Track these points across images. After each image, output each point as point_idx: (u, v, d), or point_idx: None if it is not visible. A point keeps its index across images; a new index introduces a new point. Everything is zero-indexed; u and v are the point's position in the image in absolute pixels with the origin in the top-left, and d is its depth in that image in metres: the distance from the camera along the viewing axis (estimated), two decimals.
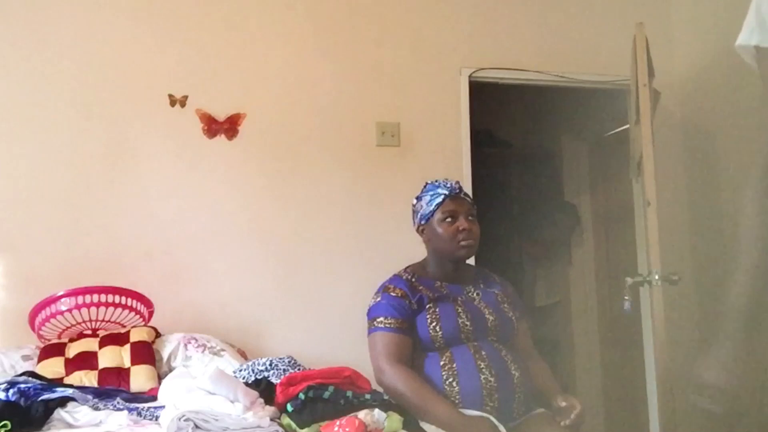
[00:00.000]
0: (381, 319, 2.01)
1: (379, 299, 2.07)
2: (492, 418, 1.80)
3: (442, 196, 2.07)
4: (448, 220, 2.05)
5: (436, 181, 2.15)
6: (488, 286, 2.15)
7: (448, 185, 2.10)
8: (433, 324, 1.97)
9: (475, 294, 2.09)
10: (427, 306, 2.00)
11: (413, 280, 2.09)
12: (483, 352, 1.94)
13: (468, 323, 1.98)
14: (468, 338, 1.97)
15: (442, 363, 1.94)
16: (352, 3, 3.26)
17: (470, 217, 2.08)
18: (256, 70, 3.11)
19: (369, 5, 3.27)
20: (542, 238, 4.49)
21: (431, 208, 2.08)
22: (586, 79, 3.46)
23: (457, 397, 1.89)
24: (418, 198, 2.14)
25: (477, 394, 1.88)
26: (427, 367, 1.96)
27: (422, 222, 2.11)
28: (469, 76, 3.31)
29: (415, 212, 2.15)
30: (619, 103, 3.59)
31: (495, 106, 4.26)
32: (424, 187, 2.17)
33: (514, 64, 3.36)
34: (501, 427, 1.79)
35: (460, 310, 2.00)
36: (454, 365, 1.93)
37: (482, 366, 1.92)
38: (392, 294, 2.04)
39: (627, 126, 3.36)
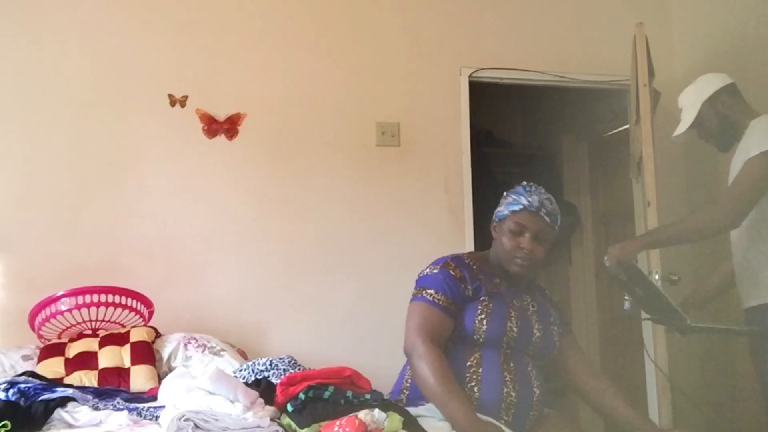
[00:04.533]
0: (431, 291, 1.91)
1: (435, 271, 1.96)
2: (503, 427, 1.75)
3: (521, 207, 1.95)
4: (516, 231, 1.95)
5: (530, 187, 2.02)
6: (546, 302, 2.08)
7: (533, 199, 1.96)
8: (482, 317, 1.88)
9: (530, 305, 2.00)
10: (482, 298, 1.91)
11: (474, 267, 1.99)
12: (511, 363, 1.88)
13: (515, 330, 1.90)
14: (508, 344, 1.90)
15: (468, 363, 1.88)
16: (352, 3, 3.26)
17: (539, 238, 1.95)
18: (256, 70, 3.11)
19: (369, 5, 3.27)
20: None
21: (505, 212, 1.98)
22: (586, 79, 3.46)
23: (475, 402, 1.83)
24: (507, 194, 2.03)
25: (496, 405, 1.84)
26: (452, 361, 1.86)
27: (496, 220, 2.02)
28: (469, 76, 3.31)
29: (499, 204, 2.04)
30: (619, 103, 3.59)
31: (495, 106, 4.26)
32: (520, 186, 2.04)
33: (514, 64, 3.36)
34: None
35: (513, 314, 1.92)
36: (480, 370, 1.87)
37: (507, 378, 1.86)
38: (451, 272, 1.94)
39: (627, 126, 3.36)
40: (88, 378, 2.29)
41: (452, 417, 1.74)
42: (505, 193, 2.04)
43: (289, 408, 1.67)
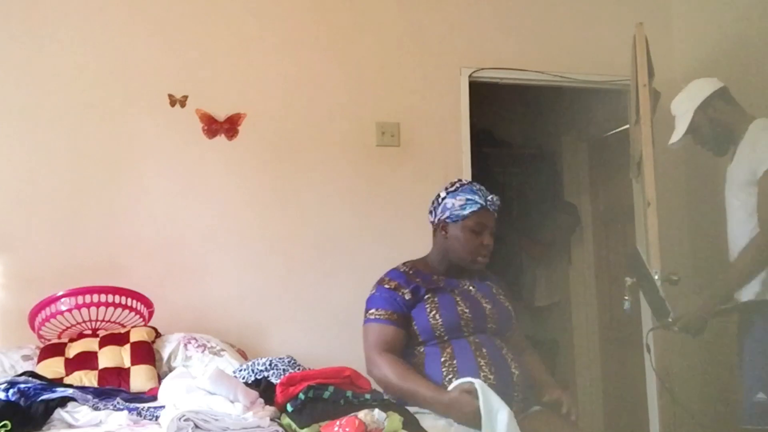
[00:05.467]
0: (373, 310, 2.04)
1: (374, 292, 2.10)
2: (476, 382, 1.76)
3: (479, 206, 2.06)
4: (477, 230, 2.06)
5: (474, 185, 2.12)
6: (482, 279, 2.18)
7: (489, 198, 2.08)
8: (433, 312, 1.98)
9: (470, 286, 2.11)
10: (425, 296, 2.01)
11: (410, 272, 2.11)
12: (484, 349, 1.95)
13: (467, 311, 1.99)
14: (468, 327, 1.98)
15: (442, 359, 1.94)
16: (352, 3, 3.26)
17: (492, 232, 2.09)
18: (256, 70, 3.11)
19: (369, 5, 3.27)
20: (542, 238, 4.49)
21: (464, 213, 2.06)
22: (586, 79, 3.46)
23: None
24: (450, 193, 2.11)
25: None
26: (427, 365, 1.96)
27: (448, 220, 2.09)
28: (469, 76, 3.31)
29: (441, 206, 2.12)
30: (619, 103, 3.59)
31: (495, 106, 4.26)
32: (458, 184, 2.13)
33: (514, 64, 3.36)
34: (483, 392, 1.74)
35: (458, 299, 2.02)
36: (455, 362, 1.93)
37: (482, 363, 1.92)
38: (386, 286, 2.07)
39: (627, 126, 3.36)
40: (88, 378, 2.29)
41: (426, 402, 1.83)
42: (443, 192, 2.12)
43: (289, 408, 1.67)
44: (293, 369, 2.16)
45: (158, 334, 2.61)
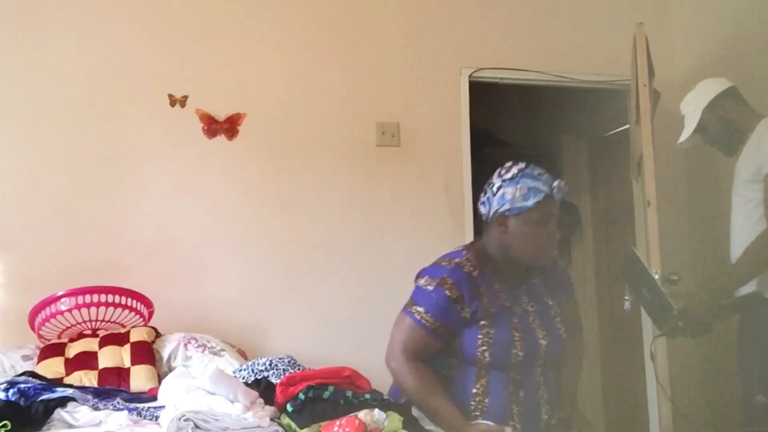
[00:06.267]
0: (422, 310, 1.81)
1: (430, 288, 1.82)
2: (490, 424, 1.71)
3: (544, 195, 1.80)
4: (542, 223, 1.80)
5: (534, 169, 1.85)
6: (540, 295, 1.94)
7: (555, 185, 1.83)
8: (483, 348, 1.79)
9: (529, 306, 1.88)
10: (482, 324, 1.80)
11: (475, 274, 1.84)
12: (521, 393, 1.80)
13: (521, 354, 1.80)
14: (514, 367, 1.81)
15: (474, 391, 1.80)
16: (352, 3, 3.26)
17: (558, 223, 1.85)
18: (256, 70, 3.11)
19: (369, 5, 3.27)
20: None
21: (528, 204, 1.78)
22: (586, 79, 3.46)
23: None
24: (507, 181, 1.82)
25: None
26: (457, 385, 1.82)
27: (508, 213, 1.81)
28: (469, 76, 3.31)
29: (497, 197, 1.83)
30: (619, 103, 3.59)
31: (495, 106, 4.26)
32: (515, 170, 1.85)
33: (514, 64, 3.36)
34: None
35: (516, 337, 1.81)
36: (486, 400, 1.79)
37: (515, 411, 1.79)
38: (446, 292, 1.80)
39: (627, 126, 3.35)
40: (88, 378, 2.29)
41: (445, 425, 1.73)
42: (499, 181, 1.84)
43: (289, 408, 1.67)
44: (293, 369, 2.16)
45: (158, 334, 2.61)
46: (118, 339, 2.47)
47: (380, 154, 3.20)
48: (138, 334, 2.50)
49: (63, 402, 1.83)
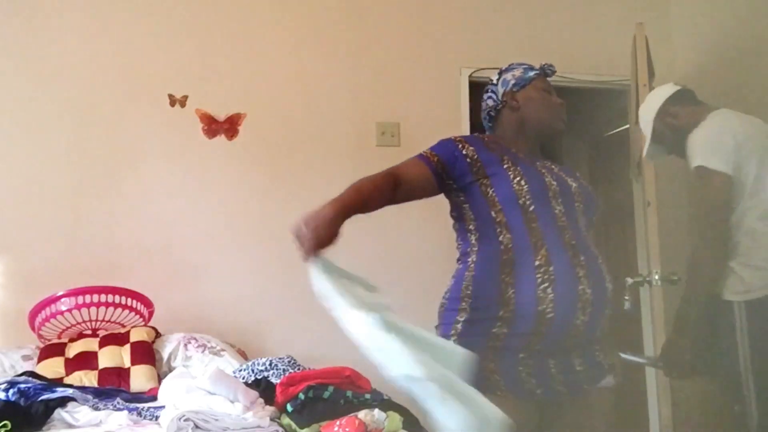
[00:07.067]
0: (428, 150, 1.86)
1: (442, 139, 1.89)
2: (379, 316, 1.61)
3: (539, 71, 1.94)
4: (548, 91, 1.93)
5: (521, 63, 2.00)
6: (561, 171, 1.93)
7: (544, 65, 1.96)
8: (518, 179, 1.74)
9: (551, 165, 1.88)
10: (504, 165, 1.77)
11: (486, 139, 1.89)
12: (581, 257, 1.71)
13: (554, 182, 1.77)
14: (555, 198, 1.75)
15: (537, 263, 1.68)
16: (352, 3, 3.26)
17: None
18: (256, 70, 3.11)
19: (369, 5, 3.27)
20: None
21: (530, 75, 1.92)
22: (586, 79, 3.46)
23: (551, 303, 1.66)
24: (503, 71, 1.97)
25: (572, 304, 1.68)
26: (518, 269, 1.69)
27: (515, 88, 1.92)
28: (469, 76, 3.31)
29: (500, 83, 1.95)
30: (619, 103, 3.59)
31: None
32: (504, 66, 1.99)
33: None
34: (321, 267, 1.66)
35: (543, 171, 1.80)
36: (551, 268, 1.68)
37: (581, 275, 1.69)
38: (452, 138, 1.86)
39: (627, 126, 3.35)
40: (88, 378, 2.29)
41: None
42: (495, 76, 1.98)
43: (289, 408, 1.67)
44: (293, 369, 2.17)
45: (158, 334, 2.61)
46: (118, 339, 2.47)
47: (380, 154, 3.20)
48: (138, 334, 2.50)
49: (63, 402, 1.83)
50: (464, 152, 1.80)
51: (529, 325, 1.67)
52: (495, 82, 1.98)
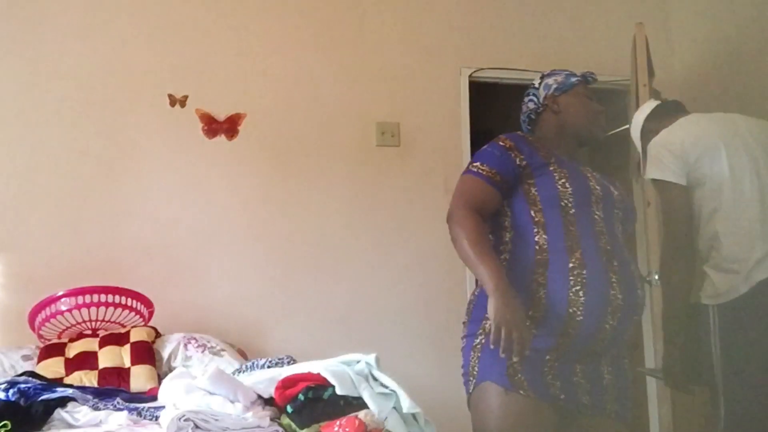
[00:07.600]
0: (477, 164, 1.82)
1: (485, 147, 1.87)
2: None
3: (579, 79, 1.97)
4: (589, 97, 1.95)
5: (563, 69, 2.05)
6: (599, 175, 1.96)
7: (584, 72, 1.99)
8: (562, 180, 1.77)
9: (593, 173, 1.89)
10: (551, 167, 1.80)
11: (530, 138, 1.90)
12: (614, 263, 1.73)
13: (598, 187, 1.80)
14: (597, 201, 1.78)
15: (570, 265, 1.70)
16: (352, 3, 3.26)
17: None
18: (256, 70, 3.11)
19: (369, 5, 3.28)
20: None
21: (572, 81, 1.95)
22: None
23: (580, 308, 1.68)
24: (545, 77, 2.01)
25: (602, 309, 1.70)
26: (551, 270, 1.71)
27: (556, 93, 1.95)
28: (469, 76, 3.31)
29: (542, 87, 1.99)
30: (618, 103, 3.59)
31: (495, 106, 4.25)
32: (547, 72, 2.03)
33: (514, 64, 3.36)
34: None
35: (588, 175, 1.83)
36: (584, 272, 1.70)
37: (613, 280, 1.71)
38: (500, 143, 1.84)
39: (627, 126, 3.35)
40: (88, 378, 2.29)
41: (482, 280, 1.67)
42: (538, 80, 2.01)
43: (289, 409, 1.67)
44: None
45: (158, 334, 2.61)
46: (118, 339, 2.47)
47: (380, 154, 3.20)
48: (138, 334, 2.50)
49: (63, 402, 1.83)
50: (517, 161, 1.82)
51: (558, 327, 1.69)
52: (537, 85, 2.02)
